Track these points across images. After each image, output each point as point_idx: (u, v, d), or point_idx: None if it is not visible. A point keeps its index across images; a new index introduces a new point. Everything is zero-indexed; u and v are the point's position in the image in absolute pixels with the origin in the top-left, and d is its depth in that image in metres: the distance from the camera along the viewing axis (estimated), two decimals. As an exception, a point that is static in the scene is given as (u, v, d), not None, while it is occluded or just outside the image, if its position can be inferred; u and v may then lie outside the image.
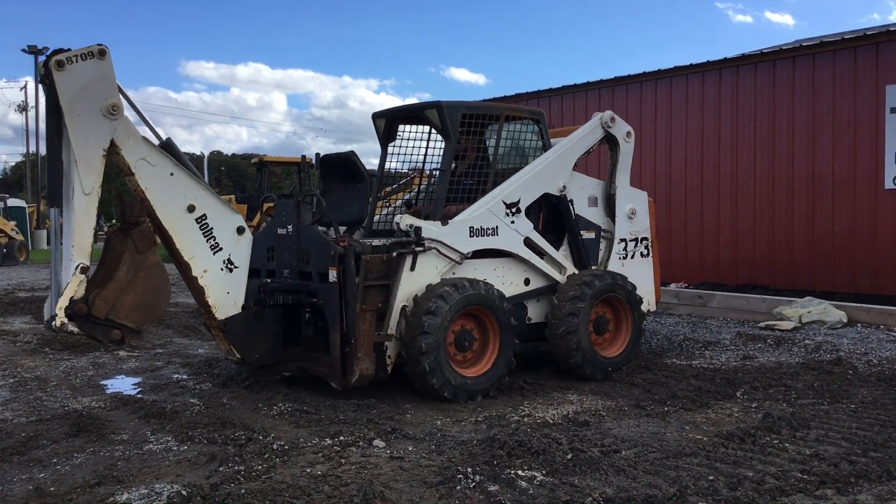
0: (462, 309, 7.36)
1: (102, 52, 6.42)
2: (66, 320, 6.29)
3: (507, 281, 8.17)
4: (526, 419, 6.64)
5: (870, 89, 13.18)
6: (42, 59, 6.53)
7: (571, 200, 8.60)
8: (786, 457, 5.43)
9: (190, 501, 4.61)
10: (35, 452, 5.76)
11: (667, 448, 5.63)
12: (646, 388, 7.74)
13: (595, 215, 8.89)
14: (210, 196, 7.01)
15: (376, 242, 7.66)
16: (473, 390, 7.34)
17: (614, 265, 8.87)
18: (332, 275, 7.20)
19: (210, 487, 4.80)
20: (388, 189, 9.62)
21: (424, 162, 8.97)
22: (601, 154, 12.89)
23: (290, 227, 7.71)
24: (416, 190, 9.35)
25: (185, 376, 8.51)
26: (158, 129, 7.20)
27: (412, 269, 7.50)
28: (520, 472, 5.06)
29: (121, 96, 6.63)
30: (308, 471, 5.15)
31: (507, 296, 7.91)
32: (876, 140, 13.12)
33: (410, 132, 8.89)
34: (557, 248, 8.52)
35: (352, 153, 8.37)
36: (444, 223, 7.71)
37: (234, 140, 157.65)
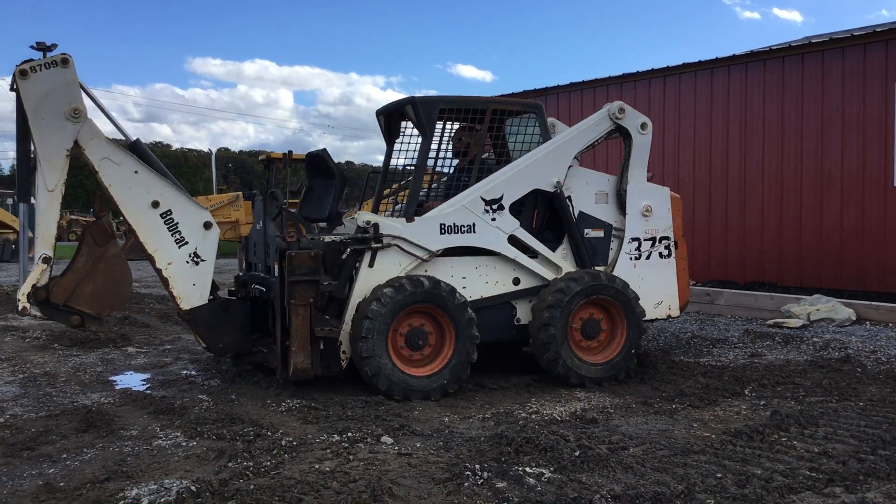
0: (403, 310, 7.27)
1: (66, 61, 6.95)
2: (27, 305, 7.01)
3: (492, 280, 7.94)
4: (534, 416, 6.65)
5: (879, 86, 13.15)
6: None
7: (569, 197, 8.19)
8: (794, 454, 5.42)
9: (199, 497, 4.63)
10: (44, 448, 5.78)
11: (675, 445, 5.63)
12: (654, 386, 7.74)
13: (605, 212, 8.41)
14: (176, 192, 7.38)
15: (328, 238, 7.65)
16: (427, 389, 7.26)
17: (624, 266, 8.33)
18: (276, 269, 7.34)
19: (219, 483, 4.82)
20: (396, 186, 9.59)
21: (437, 158, 8.75)
22: (609, 147, 12.89)
23: (260, 222, 7.95)
24: (426, 187, 9.25)
25: (193, 372, 8.54)
26: (127, 130, 7.61)
27: (371, 265, 7.56)
28: (528, 469, 5.06)
29: (88, 100, 7.17)
30: (316, 467, 5.16)
31: (491, 295, 7.85)
32: (885, 137, 13.09)
33: (412, 128, 8.72)
34: (555, 248, 8.19)
35: (323, 151, 8.40)
36: (410, 220, 7.68)
37: (241, 137, 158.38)
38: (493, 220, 7.86)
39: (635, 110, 8.50)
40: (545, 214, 8.33)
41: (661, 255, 8.51)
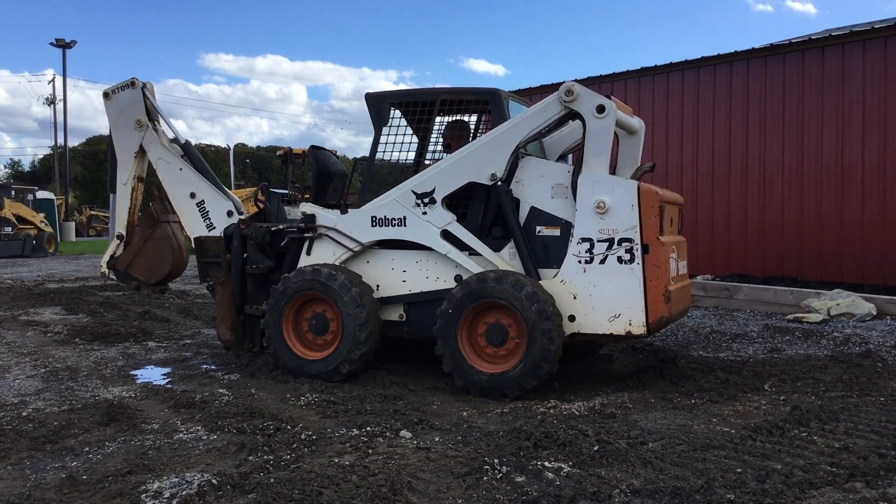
0: (292, 298, 7.89)
1: (133, 84, 8.89)
2: (106, 270, 9.31)
3: (433, 275, 7.78)
4: (552, 411, 6.64)
5: (900, 79, 13.03)
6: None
7: (510, 191, 7.54)
8: (814, 449, 5.39)
9: (220, 490, 4.66)
10: (67, 441, 5.85)
11: (694, 440, 5.61)
12: (672, 381, 7.70)
13: (563, 208, 7.44)
14: (209, 187, 8.77)
15: (274, 228, 8.47)
16: (316, 373, 7.73)
17: (571, 269, 7.27)
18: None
19: (240, 476, 4.85)
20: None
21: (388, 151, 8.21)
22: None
23: None
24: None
25: (213, 367, 8.60)
26: (181, 135, 9.14)
27: (308, 253, 8.21)
28: (546, 464, 5.07)
29: (155, 112, 8.97)
30: (336, 461, 5.19)
31: (430, 290, 7.73)
32: (907, 130, 12.98)
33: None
34: (503, 246, 7.63)
35: (310, 147, 8.93)
36: (344, 212, 8.02)
37: (256, 132, 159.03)
38: (424, 213, 7.69)
39: (591, 91, 7.35)
40: (492, 210, 7.69)
41: (620, 259, 7.16)
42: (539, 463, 5.08)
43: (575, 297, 7.28)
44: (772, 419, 6.09)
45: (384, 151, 8.10)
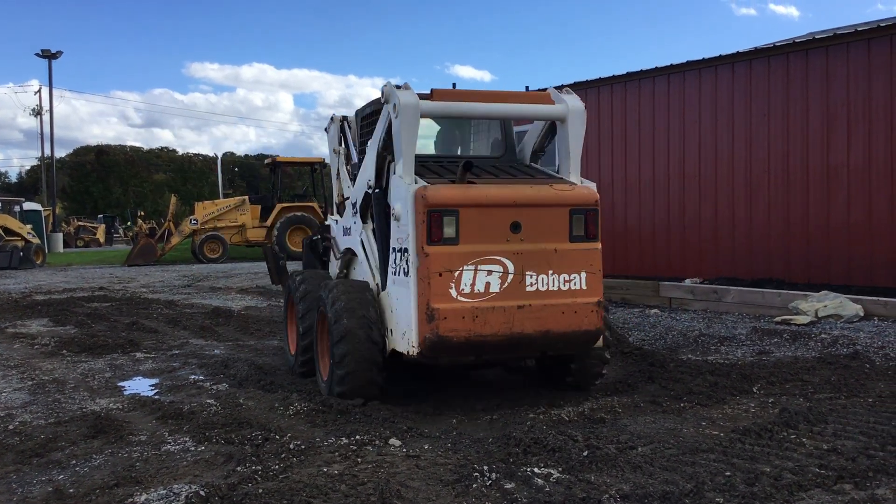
0: (287, 300, 9.06)
1: (333, 119, 9.81)
2: None
3: None
4: (541, 416, 6.64)
5: (884, 81, 13.09)
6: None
7: (382, 198, 7.20)
8: (803, 452, 5.40)
9: (208, 502, 4.63)
10: (54, 454, 5.81)
11: (683, 444, 5.62)
12: (661, 384, 7.71)
13: None
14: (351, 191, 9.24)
15: (315, 237, 9.66)
16: (287, 364, 8.75)
17: (389, 281, 7.01)
18: None
19: (228, 487, 4.82)
20: None
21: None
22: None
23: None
24: None
25: (201, 377, 8.56)
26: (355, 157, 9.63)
27: (331, 258, 9.16)
28: (536, 470, 5.06)
29: (345, 140, 9.60)
30: (325, 470, 5.16)
31: None
32: (891, 131, 13.04)
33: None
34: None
35: None
36: (336, 223, 8.93)
37: (243, 140, 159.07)
38: (355, 222, 8.05)
39: (398, 92, 6.78)
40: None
41: (404, 271, 6.64)
42: (528, 469, 5.07)
43: (392, 311, 6.95)
44: (760, 422, 6.11)
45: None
